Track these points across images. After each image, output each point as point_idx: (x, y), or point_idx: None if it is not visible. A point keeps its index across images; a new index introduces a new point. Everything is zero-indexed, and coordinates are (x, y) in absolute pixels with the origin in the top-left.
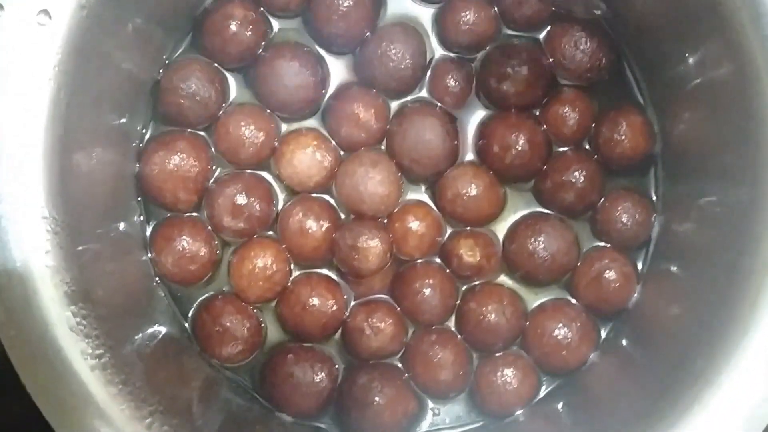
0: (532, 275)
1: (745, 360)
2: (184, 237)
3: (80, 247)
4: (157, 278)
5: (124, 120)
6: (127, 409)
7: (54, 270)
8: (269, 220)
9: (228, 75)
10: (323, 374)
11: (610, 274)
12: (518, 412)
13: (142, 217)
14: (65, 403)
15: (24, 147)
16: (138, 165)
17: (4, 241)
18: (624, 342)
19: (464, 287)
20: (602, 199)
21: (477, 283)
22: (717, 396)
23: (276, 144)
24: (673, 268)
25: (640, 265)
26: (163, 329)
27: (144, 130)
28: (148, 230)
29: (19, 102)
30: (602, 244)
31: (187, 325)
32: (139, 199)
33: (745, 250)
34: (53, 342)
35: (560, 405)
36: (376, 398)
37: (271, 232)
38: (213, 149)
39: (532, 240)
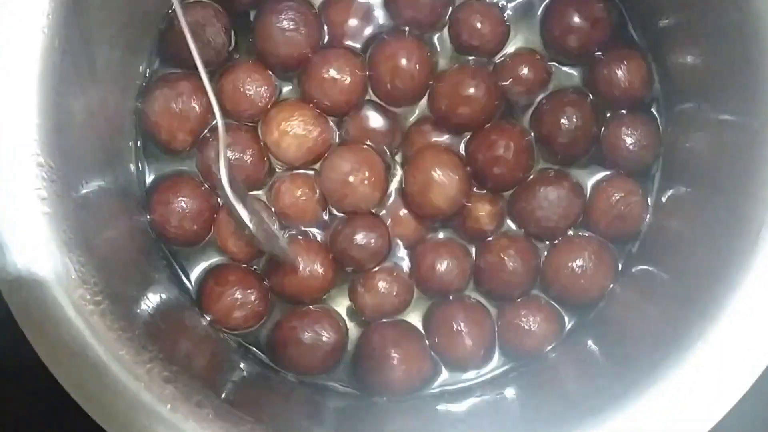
0: (539, 235)
1: (751, 282)
2: (181, 197)
3: (77, 197)
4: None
5: (123, 68)
6: (127, 354)
7: (51, 217)
8: (261, 176)
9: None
10: (329, 333)
11: (625, 209)
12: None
13: (140, 166)
14: (64, 348)
15: (17, 94)
16: (139, 102)
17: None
18: (639, 270)
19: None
20: (604, 129)
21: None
22: (729, 316)
23: (269, 106)
24: (683, 192)
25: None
26: (162, 286)
27: (147, 71)
28: (148, 178)
29: (11, 50)
30: (609, 173)
31: (188, 284)
32: (138, 144)
33: (751, 176)
34: (51, 287)
35: (589, 342)
36: (391, 357)
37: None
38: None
39: (529, 205)
